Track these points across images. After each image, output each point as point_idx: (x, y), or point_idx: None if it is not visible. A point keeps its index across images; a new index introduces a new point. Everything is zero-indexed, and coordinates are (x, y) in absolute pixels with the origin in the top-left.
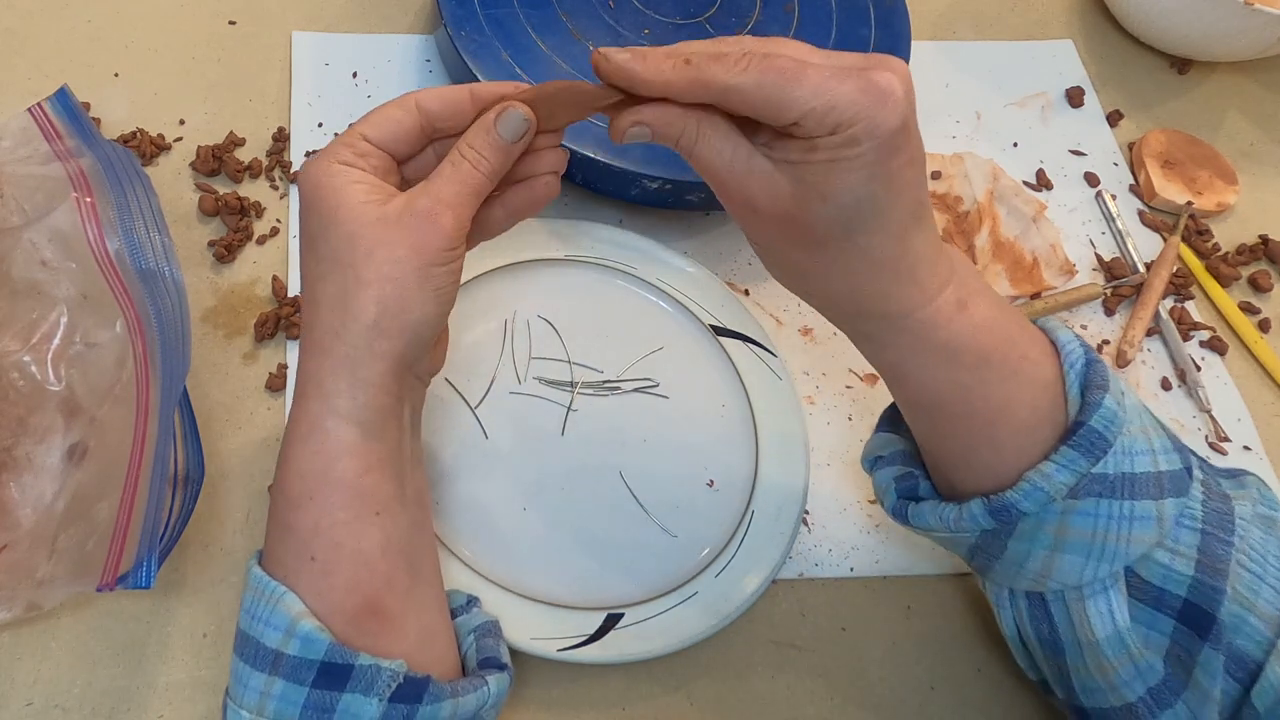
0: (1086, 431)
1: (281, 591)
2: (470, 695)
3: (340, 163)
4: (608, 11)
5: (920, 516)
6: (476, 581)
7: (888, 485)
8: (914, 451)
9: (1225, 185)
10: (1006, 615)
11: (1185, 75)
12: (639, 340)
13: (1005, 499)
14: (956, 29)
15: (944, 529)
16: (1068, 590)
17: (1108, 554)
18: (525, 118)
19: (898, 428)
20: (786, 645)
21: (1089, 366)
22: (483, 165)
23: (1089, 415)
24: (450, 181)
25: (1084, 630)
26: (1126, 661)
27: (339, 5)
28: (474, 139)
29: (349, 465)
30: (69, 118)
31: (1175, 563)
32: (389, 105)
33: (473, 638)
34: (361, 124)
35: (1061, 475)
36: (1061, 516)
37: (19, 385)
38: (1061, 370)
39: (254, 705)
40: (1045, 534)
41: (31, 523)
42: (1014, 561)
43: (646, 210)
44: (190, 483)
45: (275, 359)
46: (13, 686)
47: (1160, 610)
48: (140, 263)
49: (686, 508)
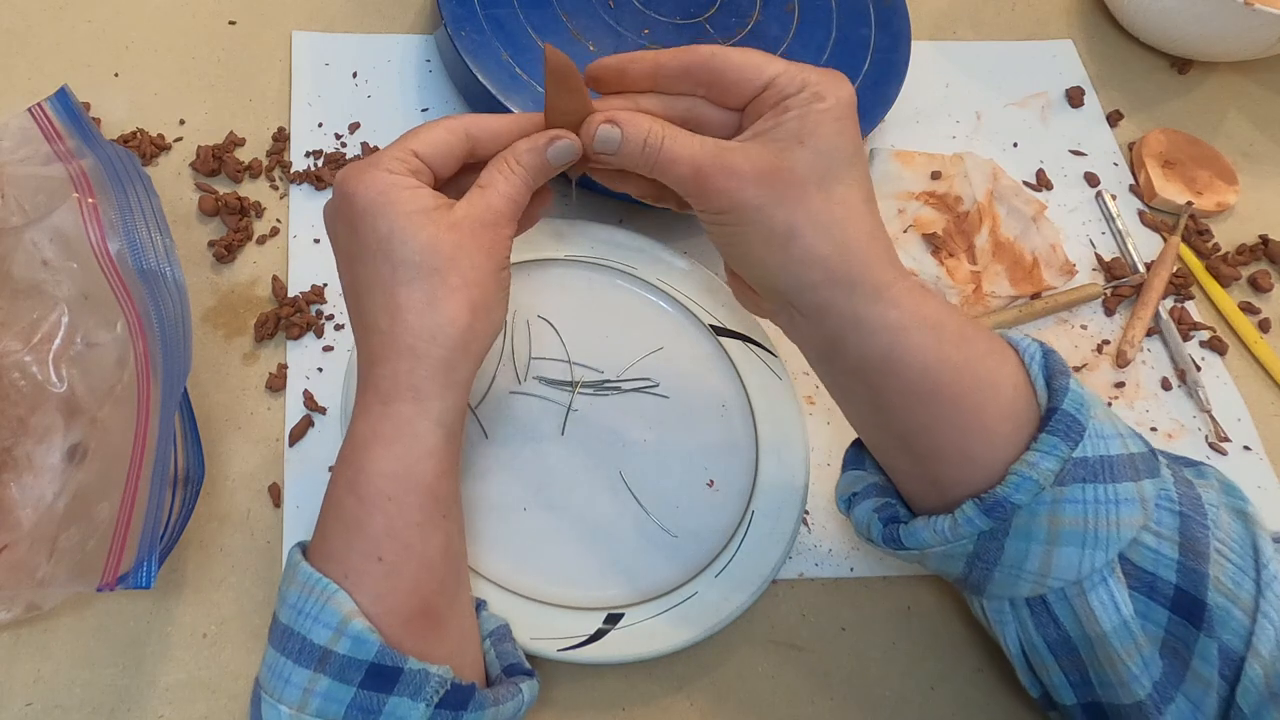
0: (1061, 416)
1: (333, 589)
2: (508, 703)
3: (396, 172)
4: (608, 11)
5: (914, 535)
6: (477, 581)
7: (869, 518)
8: (885, 483)
9: (1225, 185)
10: (1009, 631)
11: (1185, 75)
12: (639, 340)
13: (997, 494)
14: (956, 29)
15: (940, 541)
16: (1068, 586)
17: (1101, 540)
18: (575, 149)
19: (863, 464)
20: (786, 645)
21: (1047, 356)
22: (530, 180)
23: (1060, 400)
24: (503, 194)
25: (1091, 625)
26: (1134, 653)
27: (339, 5)
28: (525, 158)
29: (429, 468)
30: (69, 118)
31: (1161, 545)
32: (440, 127)
33: (489, 642)
34: (412, 140)
35: (1046, 462)
36: (1052, 506)
37: (20, 385)
38: (1023, 363)
39: (295, 701)
40: (1040, 527)
41: (32, 523)
42: (1013, 564)
43: (646, 210)
44: (190, 483)
45: (275, 359)
46: (13, 686)
47: (1154, 599)
48: (141, 263)
49: (686, 508)
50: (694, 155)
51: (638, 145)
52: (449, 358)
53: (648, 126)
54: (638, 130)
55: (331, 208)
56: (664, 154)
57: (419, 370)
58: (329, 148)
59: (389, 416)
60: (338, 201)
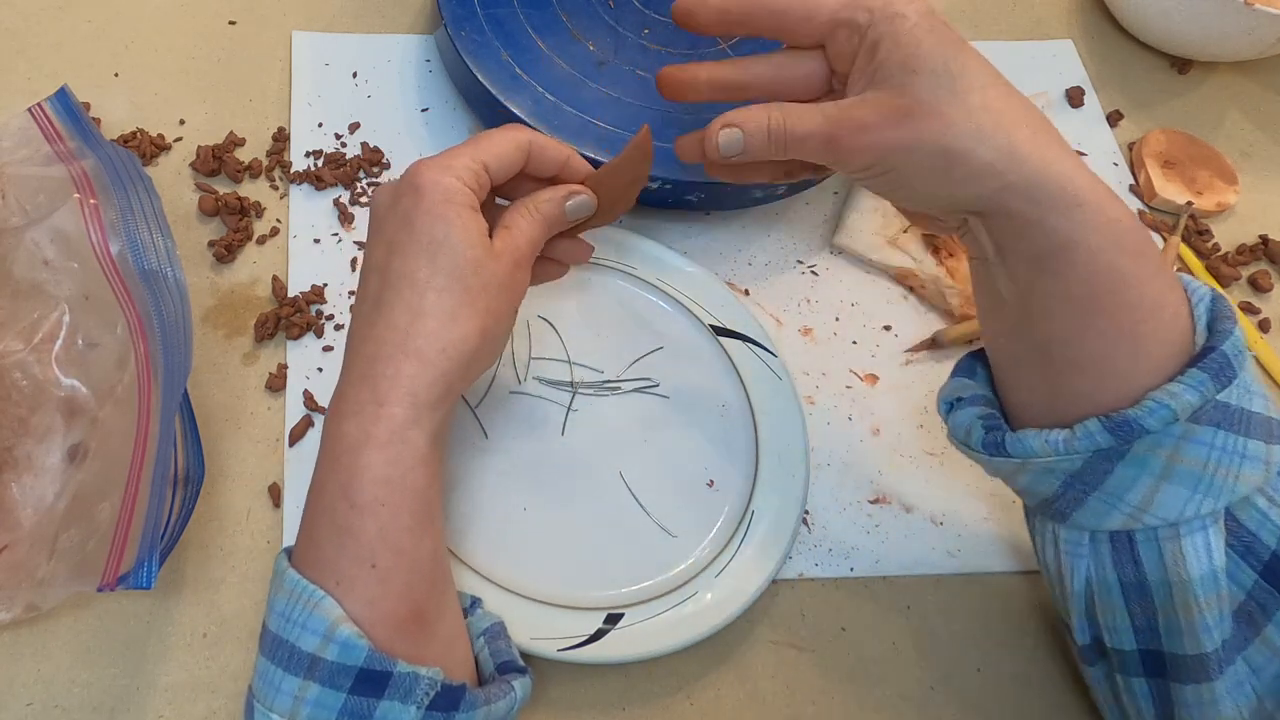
0: (1218, 355)
1: (320, 595)
2: (501, 702)
3: (467, 185)
4: (608, 11)
5: (1021, 443)
6: (476, 581)
7: (971, 422)
8: (992, 398)
9: (1225, 185)
10: (1080, 565)
11: (1185, 75)
12: (639, 340)
13: (1127, 415)
14: (956, 29)
15: (1049, 453)
16: (1162, 528)
17: (1214, 488)
18: (591, 206)
19: (974, 374)
20: (786, 645)
21: (1215, 300)
22: (546, 229)
23: (1220, 341)
24: (526, 236)
25: (1176, 570)
26: (1214, 604)
27: (339, 5)
28: (545, 208)
29: (420, 474)
30: (69, 118)
31: (1271, 511)
32: (510, 142)
33: (482, 640)
34: (484, 149)
35: (1189, 395)
36: (1178, 441)
37: (21, 385)
38: (1189, 299)
39: (286, 709)
40: (1158, 458)
41: (32, 523)
42: (1114, 492)
43: (646, 210)
44: (190, 483)
45: (275, 359)
46: (13, 686)
47: (1247, 560)
48: (142, 264)
49: (686, 508)
50: (820, 126)
51: (762, 137)
52: (451, 372)
53: (764, 116)
54: (757, 124)
55: (393, 193)
56: (790, 135)
57: (422, 377)
58: (329, 148)
59: (383, 419)
60: (403, 190)
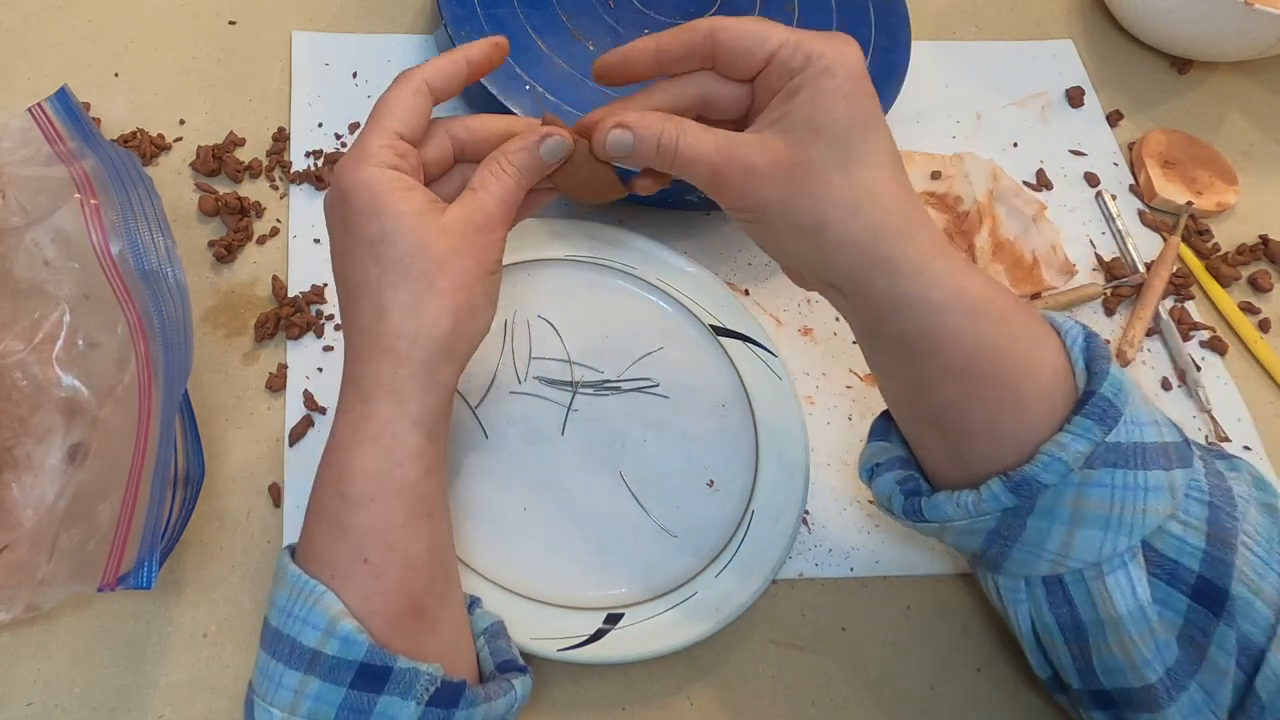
0: (1098, 399)
1: (321, 590)
2: (500, 700)
3: (390, 167)
4: (608, 11)
5: (936, 508)
6: (476, 581)
7: (891, 489)
8: (909, 457)
9: (1225, 185)
10: (1022, 609)
11: (1185, 75)
12: (639, 340)
13: (1024, 473)
14: (956, 29)
15: (962, 515)
16: (1087, 568)
17: (1125, 526)
18: (568, 145)
19: (889, 436)
20: (786, 645)
21: (1089, 340)
22: (522, 181)
23: (1098, 384)
24: (495, 196)
25: (1106, 608)
26: (1148, 637)
27: (339, 5)
28: (517, 158)
29: (411, 468)
30: (69, 118)
31: (1187, 534)
32: (403, 92)
33: (483, 639)
34: (389, 118)
35: (1078, 444)
36: (1079, 488)
37: (21, 385)
38: (1064, 345)
39: (287, 704)
40: (1064, 508)
41: (32, 523)
42: (1033, 543)
43: (646, 210)
44: (190, 483)
45: (275, 359)
46: (13, 686)
47: (1175, 586)
48: (143, 265)
49: (686, 508)
50: (710, 155)
51: (651, 146)
52: (430, 360)
53: (659, 127)
54: (650, 131)
55: (328, 203)
56: (680, 153)
57: (400, 371)
58: (329, 148)
59: (370, 416)
60: (333, 197)
